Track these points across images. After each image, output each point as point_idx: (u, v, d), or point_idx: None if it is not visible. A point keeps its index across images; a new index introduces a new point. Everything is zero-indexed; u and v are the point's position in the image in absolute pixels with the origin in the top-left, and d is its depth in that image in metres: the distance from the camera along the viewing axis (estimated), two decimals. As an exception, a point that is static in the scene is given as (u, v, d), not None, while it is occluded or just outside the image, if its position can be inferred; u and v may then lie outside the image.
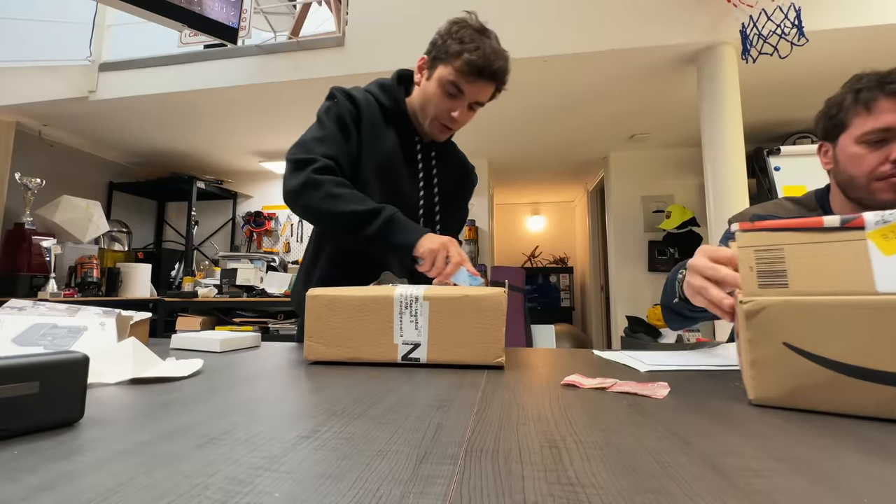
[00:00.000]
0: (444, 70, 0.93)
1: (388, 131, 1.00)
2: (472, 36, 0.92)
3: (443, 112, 0.96)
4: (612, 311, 4.39)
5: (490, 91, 0.96)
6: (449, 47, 0.93)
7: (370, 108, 1.00)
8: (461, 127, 1.01)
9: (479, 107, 0.99)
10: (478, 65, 0.91)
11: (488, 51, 0.91)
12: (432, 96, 0.96)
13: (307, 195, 0.89)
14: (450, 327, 0.65)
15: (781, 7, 2.21)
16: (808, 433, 0.36)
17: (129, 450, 0.31)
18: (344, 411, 0.42)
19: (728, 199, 2.52)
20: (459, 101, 0.95)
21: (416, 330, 0.66)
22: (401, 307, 0.67)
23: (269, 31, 3.64)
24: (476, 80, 0.92)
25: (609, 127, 3.77)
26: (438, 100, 0.96)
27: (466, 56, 0.90)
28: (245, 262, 3.94)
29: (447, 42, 0.93)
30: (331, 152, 0.93)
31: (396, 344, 0.67)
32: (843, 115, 0.85)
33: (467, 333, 0.65)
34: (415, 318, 0.66)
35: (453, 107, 0.95)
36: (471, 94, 0.94)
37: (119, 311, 0.74)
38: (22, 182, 3.35)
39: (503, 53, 0.94)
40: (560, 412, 0.42)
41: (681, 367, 0.66)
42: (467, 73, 0.91)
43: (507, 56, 0.95)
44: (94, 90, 3.23)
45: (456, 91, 0.94)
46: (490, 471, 0.28)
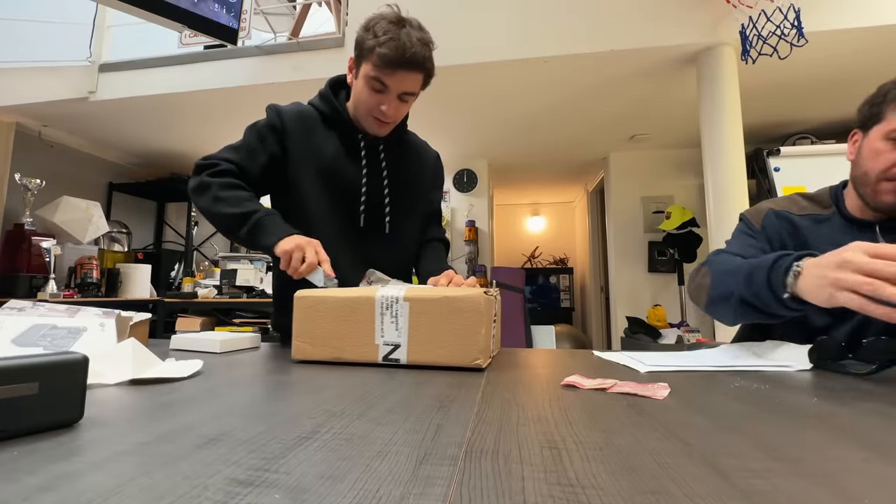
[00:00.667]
0: (365, 67, 0.95)
1: (328, 134, 1.05)
2: (385, 28, 0.91)
3: (373, 107, 0.98)
4: (611, 312, 4.39)
5: (416, 79, 0.96)
6: (366, 43, 0.93)
7: (305, 118, 1.05)
8: (399, 118, 1.02)
9: (412, 97, 0.99)
10: (390, 57, 0.91)
11: (403, 40, 0.90)
12: (360, 93, 0.98)
13: (198, 197, 0.96)
14: (429, 328, 0.66)
15: (781, 8, 2.21)
16: (808, 433, 0.36)
17: (128, 450, 0.31)
18: (344, 412, 0.42)
19: (728, 200, 2.52)
20: (386, 95, 0.96)
21: (396, 331, 0.67)
22: (382, 308, 0.68)
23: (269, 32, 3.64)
24: (394, 72, 0.93)
25: (609, 127, 3.77)
26: (366, 96, 0.97)
27: (378, 50, 0.91)
28: (245, 262, 3.94)
29: (364, 38, 0.94)
30: (235, 158, 1.00)
31: (378, 345, 0.68)
32: (882, 105, 0.83)
33: (446, 334, 0.65)
34: (395, 319, 0.67)
35: (381, 101, 0.97)
36: (395, 86, 0.95)
37: (119, 311, 0.74)
38: (22, 183, 3.34)
39: (422, 40, 0.93)
40: (560, 413, 0.42)
41: (681, 367, 0.66)
42: (383, 67, 0.92)
43: (428, 41, 0.95)
44: (94, 91, 3.23)
45: (380, 85, 0.95)
46: (490, 471, 0.28)
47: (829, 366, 0.66)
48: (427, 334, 0.66)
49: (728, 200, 2.52)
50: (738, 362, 0.70)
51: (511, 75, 2.85)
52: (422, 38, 0.94)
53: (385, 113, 0.98)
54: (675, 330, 3.59)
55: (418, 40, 0.92)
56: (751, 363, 0.70)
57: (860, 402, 0.47)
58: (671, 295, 4.11)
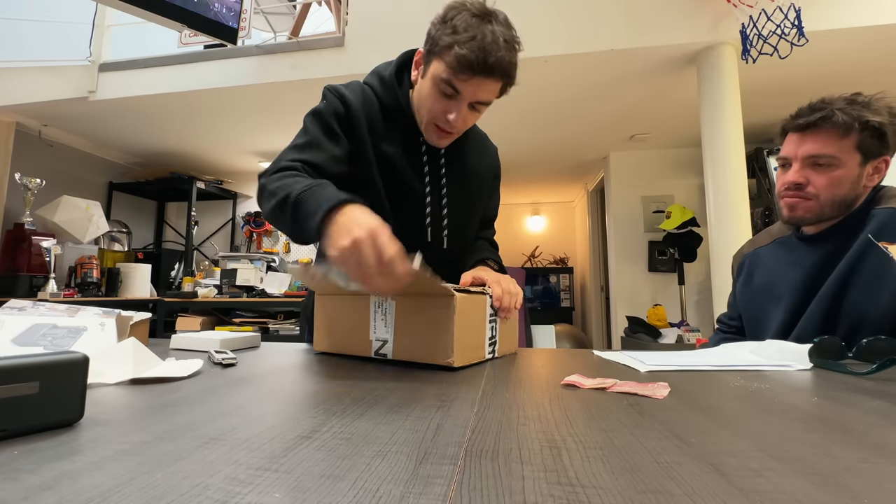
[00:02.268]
0: (437, 66, 0.81)
1: (390, 129, 0.91)
2: (467, 23, 0.77)
3: (438, 114, 0.84)
4: (612, 312, 4.39)
5: (493, 88, 0.81)
6: (441, 39, 0.79)
7: (368, 106, 0.90)
8: (465, 129, 0.89)
9: (484, 107, 0.85)
10: (470, 60, 0.76)
11: (488, 40, 0.76)
12: (426, 97, 0.84)
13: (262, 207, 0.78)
14: (410, 325, 0.69)
15: (781, 7, 2.21)
16: (808, 433, 0.36)
17: (129, 450, 0.31)
18: (344, 411, 0.42)
19: (728, 199, 2.52)
20: (456, 102, 0.82)
21: (385, 327, 0.70)
22: (375, 306, 0.72)
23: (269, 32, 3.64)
24: (471, 77, 0.78)
25: (609, 127, 3.77)
26: (433, 101, 0.83)
27: (457, 50, 0.76)
28: (245, 262, 3.94)
29: (440, 32, 0.80)
30: (304, 157, 0.82)
31: (371, 340, 0.72)
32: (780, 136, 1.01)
33: (423, 332, 0.67)
34: (385, 316, 0.70)
35: (449, 108, 0.83)
36: (468, 94, 0.81)
37: (119, 311, 0.74)
38: (22, 182, 3.35)
39: (509, 41, 0.78)
40: (560, 412, 0.42)
41: (681, 367, 0.66)
42: (459, 70, 0.78)
43: (515, 43, 0.80)
44: (94, 90, 3.23)
45: (451, 90, 0.80)
46: (490, 471, 0.28)
47: (829, 365, 0.66)
48: (409, 331, 0.69)
49: (728, 200, 2.52)
50: (738, 362, 0.70)
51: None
52: (510, 38, 0.78)
53: (451, 123, 0.83)
54: (675, 329, 3.59)
55: (505, 42, 0.77)
56: (751, 363, 0.70)
57: (860, 401, 0.47)
58: (671, 294, 4.11)
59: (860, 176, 0.90)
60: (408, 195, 0.92)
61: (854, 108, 0.87)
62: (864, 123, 0.87)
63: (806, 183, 0.91)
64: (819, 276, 0.92)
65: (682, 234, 3.85)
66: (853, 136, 0.88)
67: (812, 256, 0.95)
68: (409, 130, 0.91)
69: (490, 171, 1.06)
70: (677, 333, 3.44)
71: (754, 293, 1.05)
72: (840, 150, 0.89)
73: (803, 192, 0.92)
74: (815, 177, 0.91)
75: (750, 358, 0.74)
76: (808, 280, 0.94)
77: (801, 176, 0.92)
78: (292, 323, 3.26)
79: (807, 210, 0.92)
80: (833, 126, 0.88)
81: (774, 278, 1.01)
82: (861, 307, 0.86)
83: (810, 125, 0.91)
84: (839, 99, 0.90)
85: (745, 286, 1.08)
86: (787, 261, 1.00)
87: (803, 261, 0.96)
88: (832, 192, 0.90)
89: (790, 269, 0.98)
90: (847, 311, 0.88)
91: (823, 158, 0.89)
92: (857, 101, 0.89)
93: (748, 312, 1.07)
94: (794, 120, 0.94)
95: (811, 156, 0.91)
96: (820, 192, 0.90)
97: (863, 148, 0.88)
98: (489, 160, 1.06)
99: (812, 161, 0.91)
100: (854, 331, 0.85)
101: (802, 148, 0.92)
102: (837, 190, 0.90)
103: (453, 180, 0.96)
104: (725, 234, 2.49)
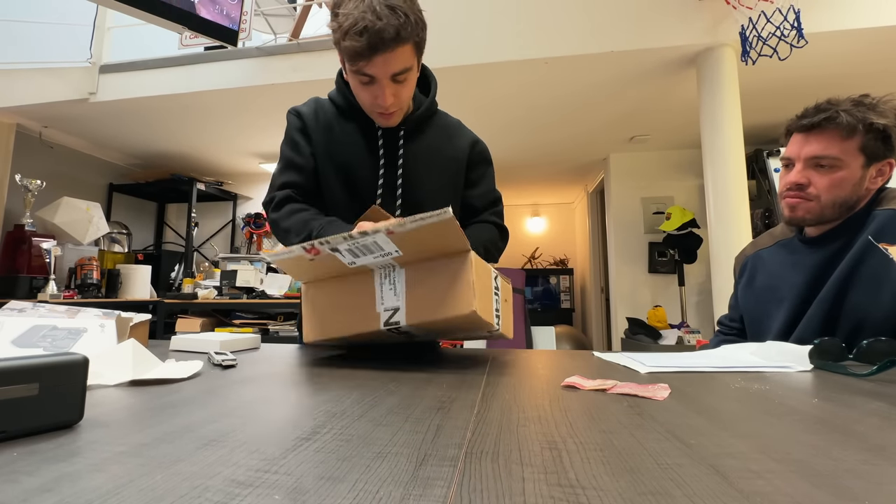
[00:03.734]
0: (348, 65, 0.85)
1: (347, 126, 0.99)
2: (347, 10, 0.79)
3: (369, 101, 0.89)
4: (612, 313, 4.39)
5: (401, 55, 0.82)
6: (335, 37, 0.82)
7: (322, 113, 1.00)
8: (403, 103, 0.92)
9: (408, 73, 0.86)
10: (358, 48, 0.78)
11: (368, 19, 0.76)
12: (355, 90, 0.91)
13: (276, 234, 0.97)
14: (423, 287, 0.68)
15: (781, 9, 2.22)
16: (808, 434, 0.36)
17: (128, 451, 0.31)
18: (344, 413, 0.42)
19: (728, 201, 2.52)
20: (376, 85, 0.85)
21: (395, 296, 0.69)
22: (381, 277, 0.71)
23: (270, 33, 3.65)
24: (370, 60, 0.80)
25: (609, 128, 3.77)
26: (359, 92, 0.89)
27: (345, 44, 0.79)
28: (245, 263, 3.94)
29: (334, 32, 0.83)
30: (287, 179, 0.98)
31: (378, 312, 0.70)
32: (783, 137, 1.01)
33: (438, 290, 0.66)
34: (394, 285, 0.70)
35: (373, 93, 0.87)
36: (380, 73, 0.83)
37: (119, 312, 0.74)
38: (22, 184, 3.35)
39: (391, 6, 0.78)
40: (560, 414, 0.42)
41: (681, 368, 0.66)
42: (358, 59, 0.81)
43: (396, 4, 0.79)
44: (94, 92, 3.23)
45: (366, 78, 0.84)
46: (490, 472, 0.28)
47: (829, 367, 0.66)
48: (421, 293, 0.68)
49: (728, 201, 2.52)
50: (738, 363, 0.70)
51: (511, 76, 2.85)
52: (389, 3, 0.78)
53: (384, 103, 0.87)
54: (675, 331, 3.59)
55: (387, 7, 0.77)
56: (751, 364, 0.70)
57: (860, 402, 0.47)
58: (671, 296, 4.11)
59: (863, 178, 0.89)
60: (363, 175, 0.99)
61: (859, 110, 0.87)
62: (869, 125, 0.86)
63: (808, 184, 0.92)
64: (821, 278, 0.92)
65: (682, 235, 3.86)
66: (857, 137, 0.87)
67: (814, 258, 0.95)
68: (364, 119, 0.99)
69: (461, 152, 1.07)
70: (677, 335, 3.44)
71: (755, 294, 1.05)
72: (843, 152, 0.88)
73: (804, 192, 0.92)
74: (817, 178, 0.91)
75: (750, 359, 0.74)
76: (809, 281, 0.94)
77: (802, 176, 0.92)
78: (292, 324, 3.26)
79: (807, 211, 0.92)
80: (837, 127, 0.88)
81: (776, 280, 1.01)
82: (861, 309, 0.86)
83: (814, 126, 0.91)
84: (846, 100, 0.90)
85: (747, 288, 1.08)
86: (789, 262, 1.00)
87: (805, 262, 0.96)
88: (833, 193, 0.90)
89: (792, 271, 0.98)
90: (848, 313, 0.88)
91: (826, 160, 0.89)
92: (863, 103, 0.88)
93: (749, 314, 1.07)
94: (799, 120, 0.94)
95: (814, 156, 0.91)
96: (821, 194, 0.90)
97: (867, 150, 0.88)
98: (461, 142, 1.07)
99: (815, 162, 0.91)
100: (855, 332, 0.85)
101: (806, 149, 0.92)
102: (839, 192, 0.90)
103: (410, 157, 1.00)
104: (725, 235, 2.49)
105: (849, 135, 0.87)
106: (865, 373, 0.61)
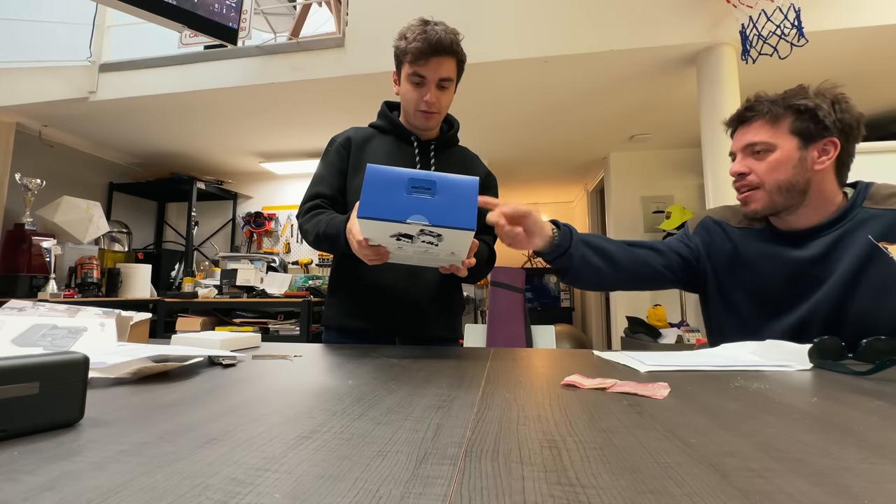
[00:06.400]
0: (405, 69, 1.10)
1: (385, 139, 1.18)
2: (412, 29, 1.08)
3: (417, 100, 1.10)
4: (612, 312, 4.39)
5: (449, 65, 1.09)
6: (399, 49, 1.09)
7: (363, 133, 1.19)
8: (443, 107, 1.13)
9: (450, 83, 1.11)
10: (421, 48, 1.04)
11: (430, 33, 1.05)
12: (406, 94, 1.12)
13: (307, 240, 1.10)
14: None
15: (781, 8, 2.21)
16: (808, 433, 0.36)
17: (129, 450, 0.31)
18: (344, 411, 0.42)
19: (728, 200, 2.52)
20: (426, 87, 1.09)
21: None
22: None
23: (270, 32, 3.65)
24: (427, 60, 1.06)
25: (609, 127, 3.77)
26: (409, 94, 1.11)
27: (410, 46, 1.05)
28: (245, 262, 3.94)
29: (399, 45, 1.09)
30: (318, 190, 1.13)
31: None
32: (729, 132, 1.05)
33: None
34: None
35: (422, 93, 1.09)
36: (431, 75, 1.07)
37: (119, 311, 0.74)
38: (22, 183, 3.35)
39: (447, 30, 1.08)
40: (560, 412, 0.42)
41: (681, 367, 0.66)
42: (417, 59, 1.06)
43: (454, 31, 1.10)
44: (94, 91, 3.23)
45: (418, 78, 1.08)
46: (490, 471, 0.28)
47: (828, 366, 0.66)
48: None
49: (728, 200, 2.52)
50: (738, 362, 0.70)
51: (511, 75, 2.85)
52: (446, 28, 1.09)
53: (429, 102, 1.09)
54: (675, 330, 3.59)
55: (443, 30, 1.07)
56: (751, 363, 0.70)
57: (860, 402, 0.47)
58: (671, 295, 4.11)
59: (803, 159, 0.90)
60: None
61: (784, 98, 0.92)
62: (793, 107, 0.90)
63: (748, 171, 0.95)
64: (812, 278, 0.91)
65: (682, 234, 3.85)
66: (785, 121, 0.91)
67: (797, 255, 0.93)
68: (401, 135, 1.19)
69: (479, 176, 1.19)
70: (677, 334, 3.44)
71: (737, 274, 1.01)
72: (773, 136, 0.92)
73: (746, 181, 0.95)
74: (755, 164, 0.94)
75: (750, 358, 0.74)
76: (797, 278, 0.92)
77: (743, 166, 0.96)
78: (292, 323, 3.26)
79: (757, 200, 0.95)
80: (761, 116, 0.94)
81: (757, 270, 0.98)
82: (869, 317, 0.84)
83: (743, 119, 0.98)
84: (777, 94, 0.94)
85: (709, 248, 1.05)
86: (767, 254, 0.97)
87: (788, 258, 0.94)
88: (773, 176, 0.92)
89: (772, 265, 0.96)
90: (853, 320, 0.86)
91: (759, 145, 0.93)
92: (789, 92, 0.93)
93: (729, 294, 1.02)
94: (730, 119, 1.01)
95: (748, 144, 0.95)
96: (763, 178, 0.93)
97: (797, 131, 0.90)
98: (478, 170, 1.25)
99: (750, 150, 0.95)
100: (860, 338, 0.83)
101: (740, 140, 0.97)
102: (778, 174, 0.91)
103: (440, 166, 1.18)
104: (725, 234, 2.49)
105: (775, 120, 0.92)
106: (865, 371, 0.61)
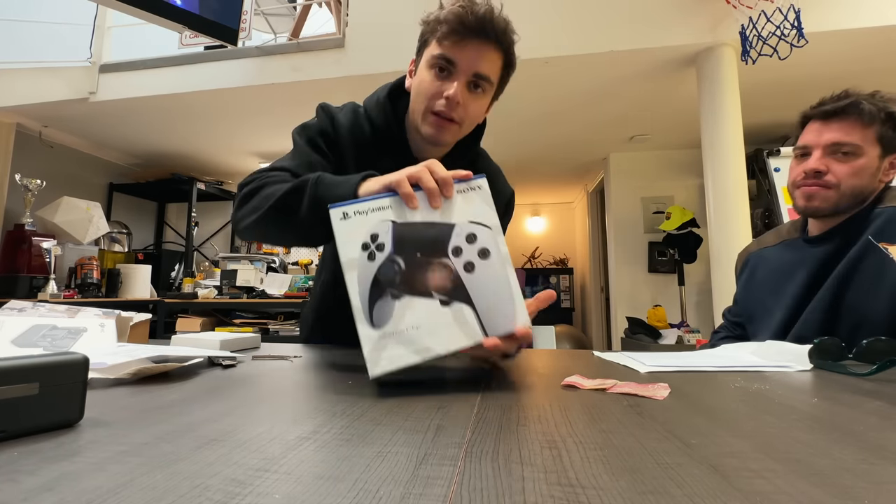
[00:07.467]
0: (429, 51, 0.78)
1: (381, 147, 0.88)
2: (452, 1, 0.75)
3: (434, 95, 0.77)
4: (612, 313, 4.39)
5: (492, 59, 0.76)
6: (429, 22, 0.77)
7: (357, 127, 0.87)
8: (467, 119, 0.80)
9: (487, 85, 0.78)
10: (461, 19, 0.72)
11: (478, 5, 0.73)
12: (421, 83, 0.79)
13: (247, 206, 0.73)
14: None
15: (781, 8, 2.22)
16: (808, 434, 0.36)
17: (129, 451, 0.31)
18: (344, 412, 0.42)
19: (728, 201, 2.52)
20: (452, 78, 0.76)
21: None
22: None
23: (270, 33, 3.65)
24: (464, 41, 0.73)
25: (609, 128, 3.77)
26: (427, 84, 0.77)
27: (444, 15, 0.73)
28: (245, 263, 3.94)
29: (426, 22, 0.78)
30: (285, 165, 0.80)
31: None
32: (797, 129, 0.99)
33: None
34: None
35: (445, 86, 0.76)
36: (465, 63, 0.75)
37: (119, 312, 0.74)
38: (22, 183, 3.35)
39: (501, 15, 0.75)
40: (560, 413, 0.42)
41: (681, 368, 0.66)
42: (450, 35, 0.73)
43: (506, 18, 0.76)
44: (94, 91, 3.23)
45: (445, 63, 0.75)
46: (490, 472, 0.28)
47: (829, 366, 0.66)
48: None
49: (728, 201, 2.52)
50: (738, 363, 0.70)
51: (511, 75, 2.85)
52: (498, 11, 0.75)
53: (451, 99, 0.75)
54: (675, 330, 3.59)
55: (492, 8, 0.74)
56: (751, 363, 0.70)
57: (860, 402, 0.47)
58: (671, 295, 4.11)
59: (878, 169, 0.89)
60: None
61: (877, 100, 0.88)
62: (889, 114, 0.87)
63: (826, 171, 0.90)
64: (821, 276, 0.92)
65: (682, 234, 3.86)
66: (876, 126, 0.87)
67: (815, 255, 0.95)
68: (399, 146, 0.88)
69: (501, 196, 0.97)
70: (677, 334, 3.44)
71: (754, 291, 1.06)
72: (863, 139, 0.88)
73: (822, 180, 0.90)
74: (837, 165, 0.89)
75: (750, 359, 0.74)
76: (809, 280, 0.94)
77: (822, 164, 0.90)
78: (292, 324, 3.25)
79: (824, 200, 0.90)
80: (859, 114, 0.88)
81: (776, 277, 1.01)
82: (860, 307, 0.86)
83: (836, 112, 0.90)
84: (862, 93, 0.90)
85: (748, 284, 1.08)
86: (791, 261, 0.99)
87: (806, 260, 0.96)
88: (852, 181, 0.88)
89: (793, 269, 0.98)
90: (846, 312, 0.88)
91: (847, 146, 0.88)
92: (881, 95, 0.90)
93: (748, 310, 1.07)
94: (819, 107, 0.92)
95: (834, 143, 0.89)
96: (841, 181, 0.89)
97: (884, 140, 0.88)
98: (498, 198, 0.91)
99: (835, 149, 0.89)
100: (854, 331, 0.85)
101: (826, 135, 0.90)
102: (857, 180, 0.88)
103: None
104: (725, 235, 2.50)
105: (869, 122, 0.87)
106: (865, 372, 0.61)
